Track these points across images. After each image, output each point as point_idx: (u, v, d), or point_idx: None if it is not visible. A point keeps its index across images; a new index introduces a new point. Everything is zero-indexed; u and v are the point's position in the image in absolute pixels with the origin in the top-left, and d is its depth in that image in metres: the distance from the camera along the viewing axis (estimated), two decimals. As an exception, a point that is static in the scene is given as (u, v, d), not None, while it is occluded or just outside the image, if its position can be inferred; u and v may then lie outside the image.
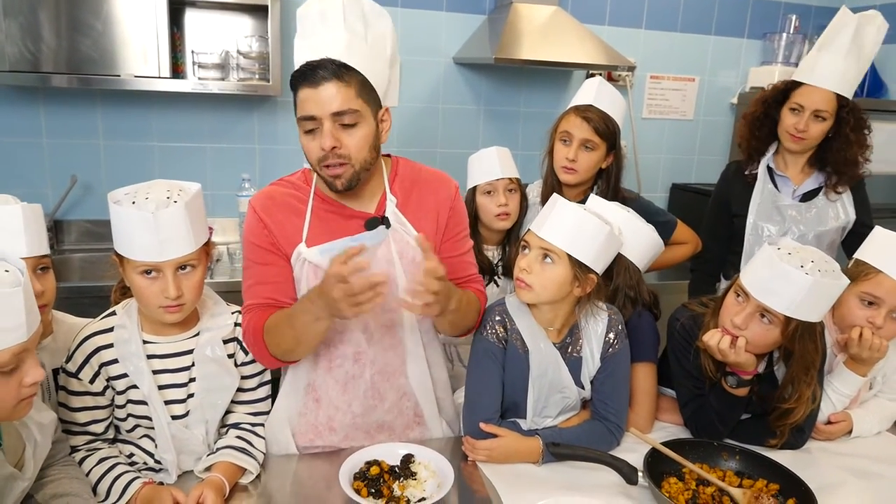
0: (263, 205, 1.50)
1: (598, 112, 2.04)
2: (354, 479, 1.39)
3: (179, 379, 1.43)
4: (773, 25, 3.61)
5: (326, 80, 1.34)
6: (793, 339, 1.46)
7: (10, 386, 1.05)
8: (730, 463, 1.53)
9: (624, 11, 3.40)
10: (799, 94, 2.10)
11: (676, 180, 3.70)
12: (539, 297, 1.49)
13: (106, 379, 1.39)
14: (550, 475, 1.49)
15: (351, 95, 1.36)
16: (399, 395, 1.61)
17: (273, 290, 1.49)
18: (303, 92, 1.37)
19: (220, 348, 1.46)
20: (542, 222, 1.48)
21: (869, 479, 1.53)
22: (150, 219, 1.28)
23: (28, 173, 2.84)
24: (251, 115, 3.03)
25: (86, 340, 1.39)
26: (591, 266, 1.47)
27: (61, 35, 2.49)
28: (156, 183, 1.38)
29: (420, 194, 1.56)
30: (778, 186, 2.24)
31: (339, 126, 1.37)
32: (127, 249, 1.33)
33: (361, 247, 1.26)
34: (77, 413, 1.39)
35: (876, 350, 1.59)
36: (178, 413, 1.44)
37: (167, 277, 1.34)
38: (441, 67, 3.21)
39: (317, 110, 1.35)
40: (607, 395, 1.59)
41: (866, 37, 2.05)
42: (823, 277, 1.38)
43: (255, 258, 1.51)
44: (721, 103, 3.69)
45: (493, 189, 2.12)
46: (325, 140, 1.36)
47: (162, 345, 1.43)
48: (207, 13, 2.86)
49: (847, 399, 1.68)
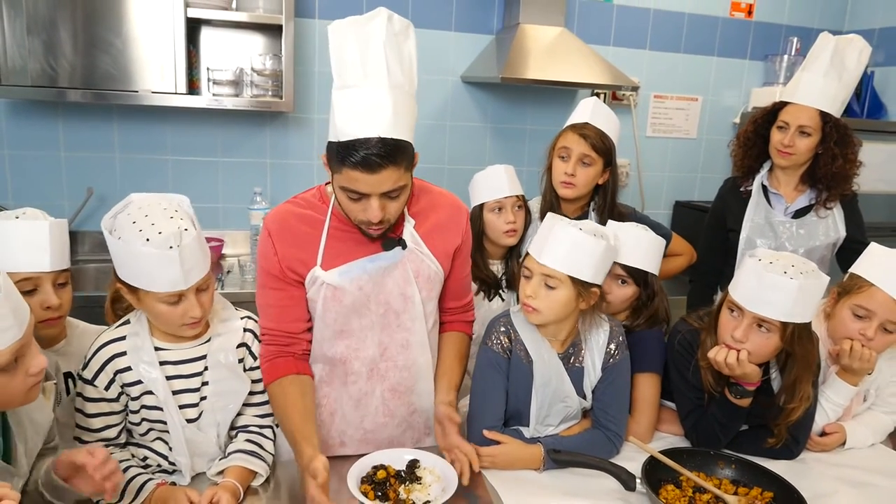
0: (278, 229, 1.51)
1: (595, 129, 2.10)
2: (362, 483, 1.43)
3: (192, 384, 1.47)
4: (774, 47, 3.68)
5: (381, 167, 1.31)
6: (792, 341, 1.51)
7: (18, 378, 1.11)
8: (725, 471, 1.57)
9: (628, 33, 3.48)
10: (785, 113, 2.20)
11: (680, 198, 3.76)
12: (547, 319, 1.55)
13: (121, 386, 1.43)
14: (552, 481, 1.53)
15: (401, 173, 1.35)
16: (409, 412, 1.66)
17: (283, 313, 1.55)
18: (353, 172, 1.32)
19: (232, 354, 1.51)
20: (541, 248, 1.52)
21: (862, 489, 1.56)
22: (173, 255, 1.30)
23: (46, 185, 2.91)
24: (263, 130, 3.11)
25: (101, 349, 1.43)
26: (592, 281, 1.52)
27: (81, 52, 2.56)
28: (148, 205, 1.35)
29: (436, 218, 1.60)
30: (771, 203, 2.31)
31: (386, 198, 1.38)
32: (148, 283, 1.33)
33: None
34: (92, 419, 1.43)
35: (866, 361, 1.64)
36: (191, 417, 1.48)
37: (190, 300, 1.37)
38: (449, 86, 3.29)
39: (368, 190, 1.35)
40: (607, 404, 1.63)
41: (848, 58, 2.15)
42: (807, 279, 1.45)
43: (266, 282, 1.55)
44: (724, 123, 3.75)
45: (502, 206, 2.15)
46: (373, 213, 1.37)
47: (174, 351, 1.46)
48: (223, 31, 2.94)
49: (840, 409, 1.73)
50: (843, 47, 2.15)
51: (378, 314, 1.55)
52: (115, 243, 1.32)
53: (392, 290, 1.54)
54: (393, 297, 1.55)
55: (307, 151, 3.15)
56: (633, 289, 1.76)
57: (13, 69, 2.50)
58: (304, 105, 3.08)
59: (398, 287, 1.54)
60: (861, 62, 2.17)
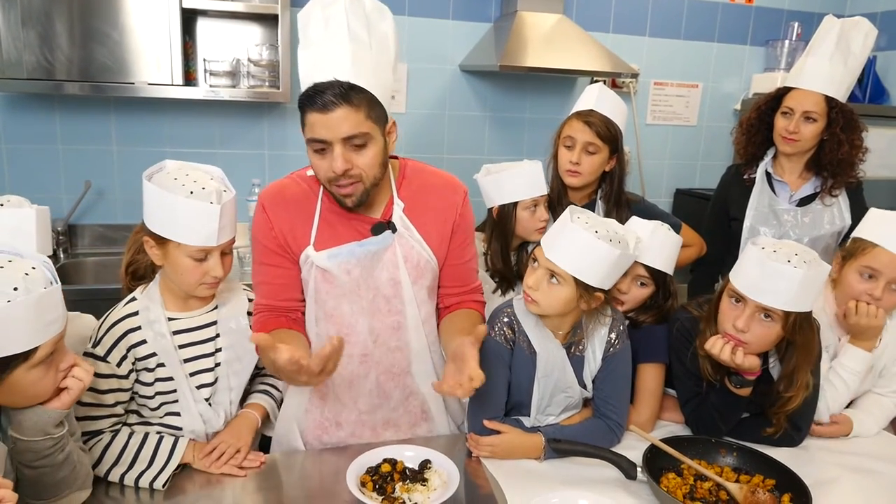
0: (273, 202, 1.53)
1: (600, 116, 2.08)
2: (366, 472, 1.43)
3: (206, 349, 1.54)
4: (775, 33, 3.64)
5: (335, 105, 1.32)
6: (794, 330, 1.50)
7: (51, 373, 1.15)
8: (727, 459, 1.56)
9: (628, 19, 3.45)
10: (789, 98, 2.18)
11: (680, 186, 3.74)
12: (545, 312, 1.53)
13: (133, 362, 1.46)
14: (552, 471, 1.52)
15: (361, 119, 1.35)
16: (405, 395, 1.65)
17: (278, 290, 1.55)
18: (311, 116, 1.34)
19: (244, 319, 1.59)
20: (552, 242, 1.50)
21: (864, 476, 1.56)
22: (215, 210, 1.38)
23: (44, 178, 2.90)
24: (261, 121, 3.09)
25: (115, 325, 1.46)
26: (598, 286, 1.49)
27: (77, 44, 2.55)
28: (187, 167, 1.45)
29: (428, 199, 1.57)
30: (775, 191, 2.28)
31: (349, 147, 1.36)
32: (184, 236, 1.40)
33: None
34: (105, 395, 1.45)
35: (873, 317, 1.66)
36: (208, 381, 1.53)
37: (215, 259, 1.45)
38: (447, 74, 3.27)
39: (327, 134, 1.34)
40: (608, 393, 1.63)
41: (853, 41, 2.12)
42: (810, 268, 1.43)
43: (262, 258, 1.55)
44: (724, 109, 3.72)
45: (537, 203, 2.07)
46: (336, 163, 1.36)
47: (186, 319, 1.52)
48: (219, 22, 2.92)
49: (857, 376, 1.71)
50: (848, 30, 2.12)
51: (368, 300, 1.54)
52: (156, 193, 1.38)
53: (381, 276, 1.53)
54: (382, 283, 1.54)
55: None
56: (651, 290, 1.75)
57: (8, 62, 2.49)
58: (301, 95, 3.06)
59: (387, 272, 1.53)
60: (867, 45, 2.15)
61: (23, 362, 1.09)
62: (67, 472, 1.24)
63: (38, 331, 1.10)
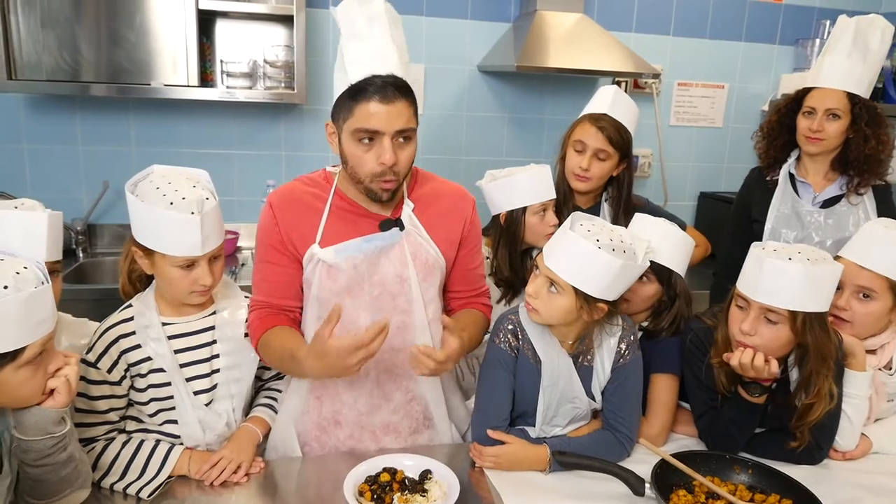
0: (281, 202, 1.53)
1: (612, 121, 2.03)
2: (364, 481, 1.41)
3: (202, 355, 1.51)
4: (806, 31, 3.54)
5: (397, 97, 1.35)
6: (804, 332, 1.44)
7: (39, 374, 1.14)
8: (742, 476, 1.50)
9: (651, 18, 3.37)
10: (810, 98, 2.13)
11: (705, 189, 3.64)
12: (545, 321, 1.50)
13: (125, 368, 1.45)
14: (557, 484, 1.48)
15: (411, 114, 1.39)
16: (407, 398, 1.62)
17: (277, 289, 1.55)
18: (369, 105, 1.35)
19: (241, 327, 1.56)
20: (552, 251, 1.46)
21: (887, 497, 1.49)
22: (195, 220, 1.36)
23: (64, 179, 2.94)
24: (277, 122, 3.09)
25: (107, 331, 1.46)
26: (601, 297, 1.43)
27: (96, 46, 2.57)
28: (171, 174, 1.43)
29: (437, 203, 1.59)
30: (799, 192, 2.22)
31: (396, 142, 1.39)
32: (168, 247, 1.38)
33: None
34: (97, 401, 1.44)
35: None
36: (204, 387, 1.51)
37: (203, 267, 1.43)
38: (465, 75, 3.23)
39: (382, 126, 1.36)
40: (618, 405, 1.57)
41: (871, 39, 2.07)
42: (814, 266, 1.38)
43: (265, 256, 1.55)
44: (751, 110, 3.62)
45: (546, 208, 2.04)
46: (386, 156, 1.37)
47: (181, 324, 1.50)
48: (236, 23, 2.93)
49: (863, 402, 1.62)
50: (864, 28, 2.08)
51: (372, 296, 1.52)
52: (137, 205, 1.38)
53: (387, 272, 1.52)
54: (388, 279, 1.52)
55: (321, 143, 3.12)
56: (656, 287, 1.68)
57: (28, 63, 2.53)
58: (317, 97, 3.05)
59: (394, 268, 1.52)
60: (885, 42, 2.09)
61: (10, 362, 1.09)
62: (69, 471, 1.24)
63: (26, 330, 1.09)
